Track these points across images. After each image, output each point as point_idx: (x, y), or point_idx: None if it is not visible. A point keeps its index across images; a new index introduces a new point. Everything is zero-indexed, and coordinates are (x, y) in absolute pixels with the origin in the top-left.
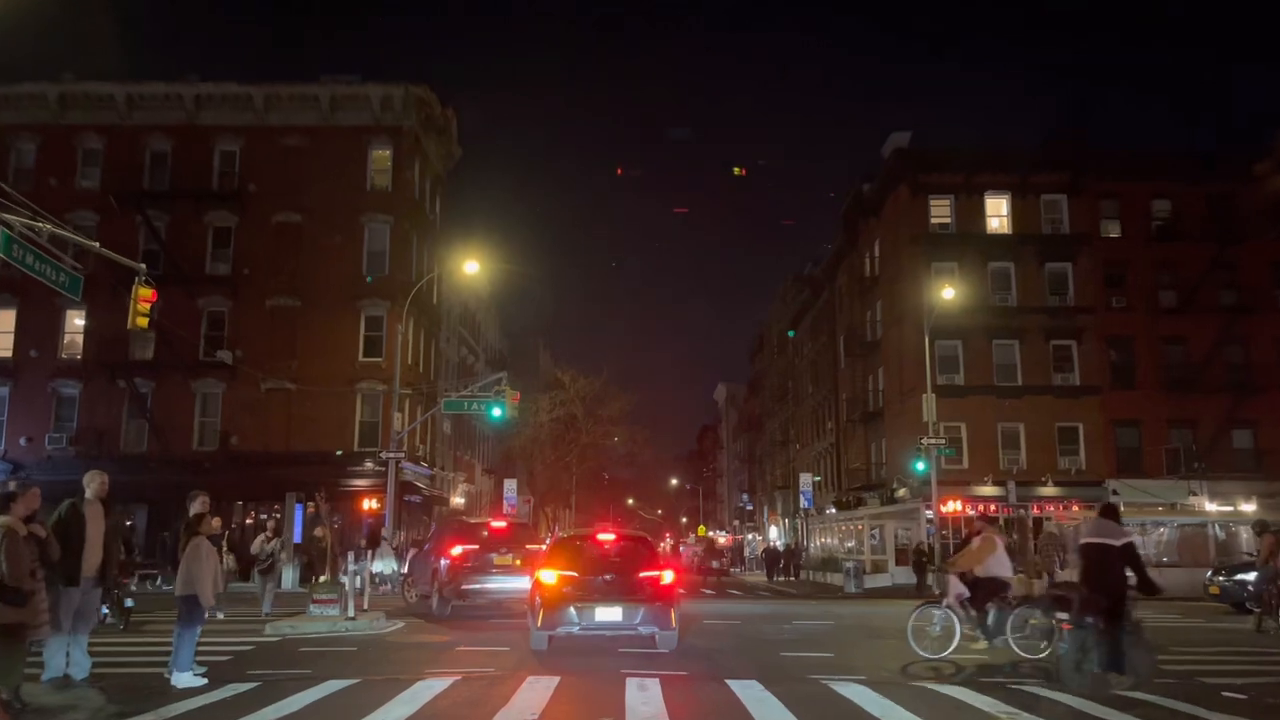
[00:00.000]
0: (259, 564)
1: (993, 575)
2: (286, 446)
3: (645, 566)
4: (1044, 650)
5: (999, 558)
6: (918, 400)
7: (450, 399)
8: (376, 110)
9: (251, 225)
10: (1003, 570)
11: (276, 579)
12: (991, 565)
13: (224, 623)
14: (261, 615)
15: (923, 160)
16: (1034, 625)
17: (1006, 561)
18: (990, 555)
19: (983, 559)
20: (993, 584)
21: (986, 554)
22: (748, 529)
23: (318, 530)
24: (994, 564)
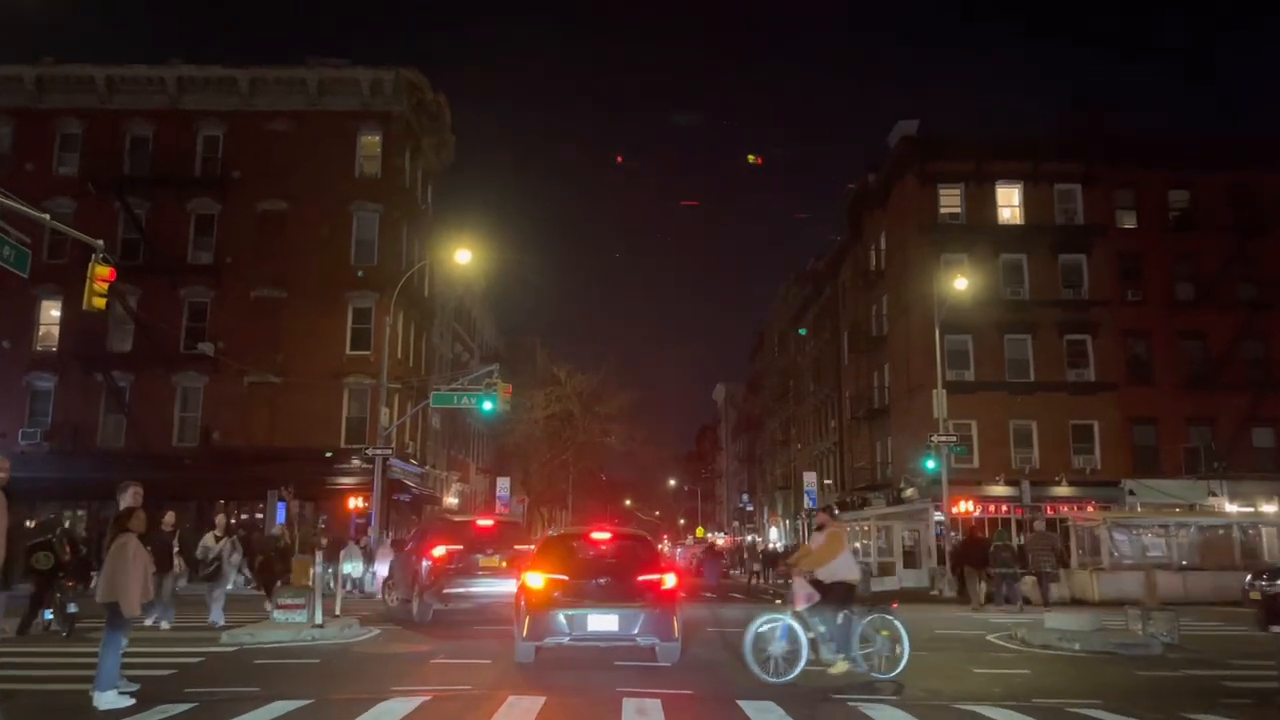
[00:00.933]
0: (204, 566)
1: (839, 579)
2: (270, 443)
3: (644, 569)
4: (896, 670)
5: (844, 557)
6: (925, 397)
7: (440, 393)
8: (366, 95)
9: (235, 213)
10: (848, 572)
11: (224, 583)
12: (836, 566)
13: (177, 630)
14: (210, 624)
15: (931, 148)
16: (885, 637)
17: (852, 561)
18: (836, 554)
19: (827, 559)
20: (840, 589)
21: (832, 553)
22: (748, 530)
23: (276, 528)
24: (839, 565)
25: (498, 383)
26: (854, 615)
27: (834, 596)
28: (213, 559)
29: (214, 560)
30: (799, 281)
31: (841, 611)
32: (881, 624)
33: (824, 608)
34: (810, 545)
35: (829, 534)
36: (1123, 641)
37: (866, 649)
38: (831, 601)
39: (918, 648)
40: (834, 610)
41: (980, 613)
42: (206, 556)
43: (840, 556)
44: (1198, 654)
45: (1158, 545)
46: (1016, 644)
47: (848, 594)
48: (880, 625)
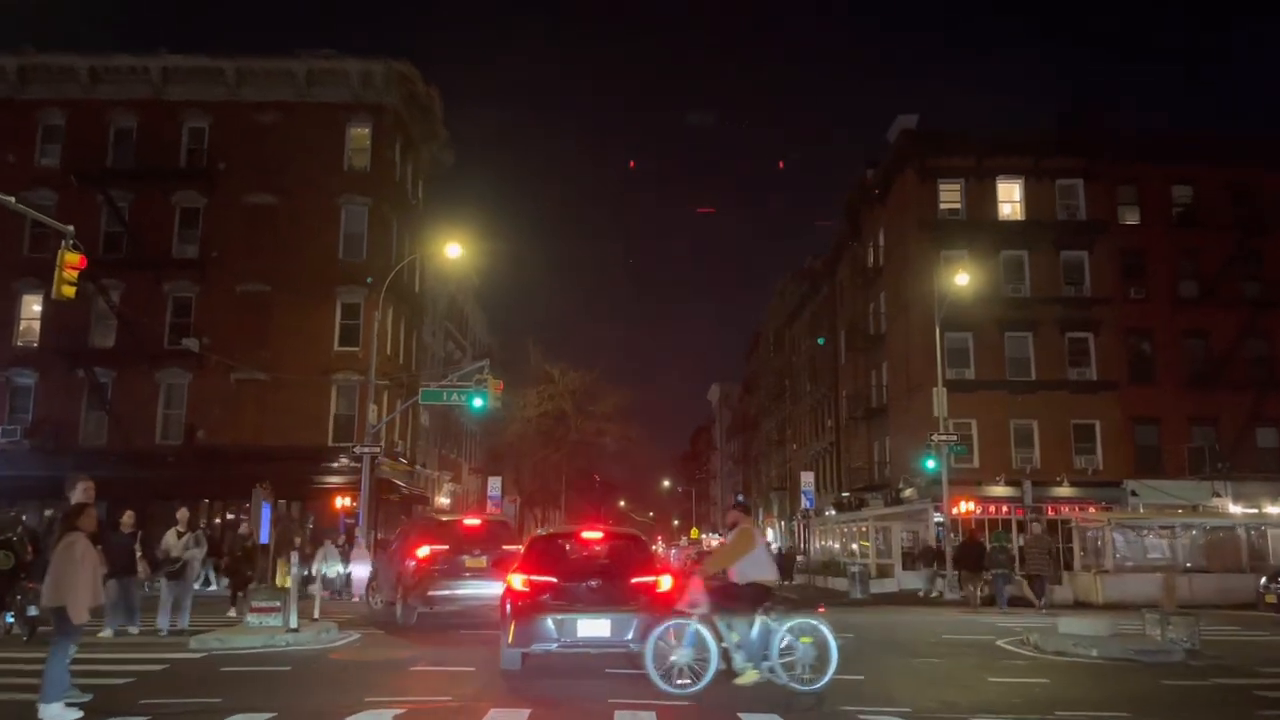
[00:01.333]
0: (165, 566)
1: (751, 580)
2: (257, 441)
3: (638, 570)
4: (821, 681)
5: (756, 556)
6: (924, 396)
7: (429, 389)
8: (356, 86)
9: (221, 206)
10: (761, 572)
11: (188, 586)
12: (748, 566)
13: (145, 635)
14: (160, 631)
15: (931, 143)
16: (809, 645)
17: (766, 561)
18: (746, 553)
19: (734, 557)
20: (752, 591)
21: (741, 551)
22: None
23: (242, 527)
24: (750, 564)
25: (488, 379)
26: (772, 621)
27: (746, 600)
28: (175, 558)
29: (176, 559)
30: (796, 280)
31: (755, 616)
32: (805, 630)
33: (735, 612)
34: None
35: (739, 531)
36: (1143, 648)
37: (788, 657)
38: (744, 605)
39: (926, 654)
40: (746, 615)
41: (978, 614)
42: (169, 555)
43: (751, 555)
44: (1221, 660)
45: (1163, 547)
46: (1030, 650)
47: (761, 597)
48: (803, 632)
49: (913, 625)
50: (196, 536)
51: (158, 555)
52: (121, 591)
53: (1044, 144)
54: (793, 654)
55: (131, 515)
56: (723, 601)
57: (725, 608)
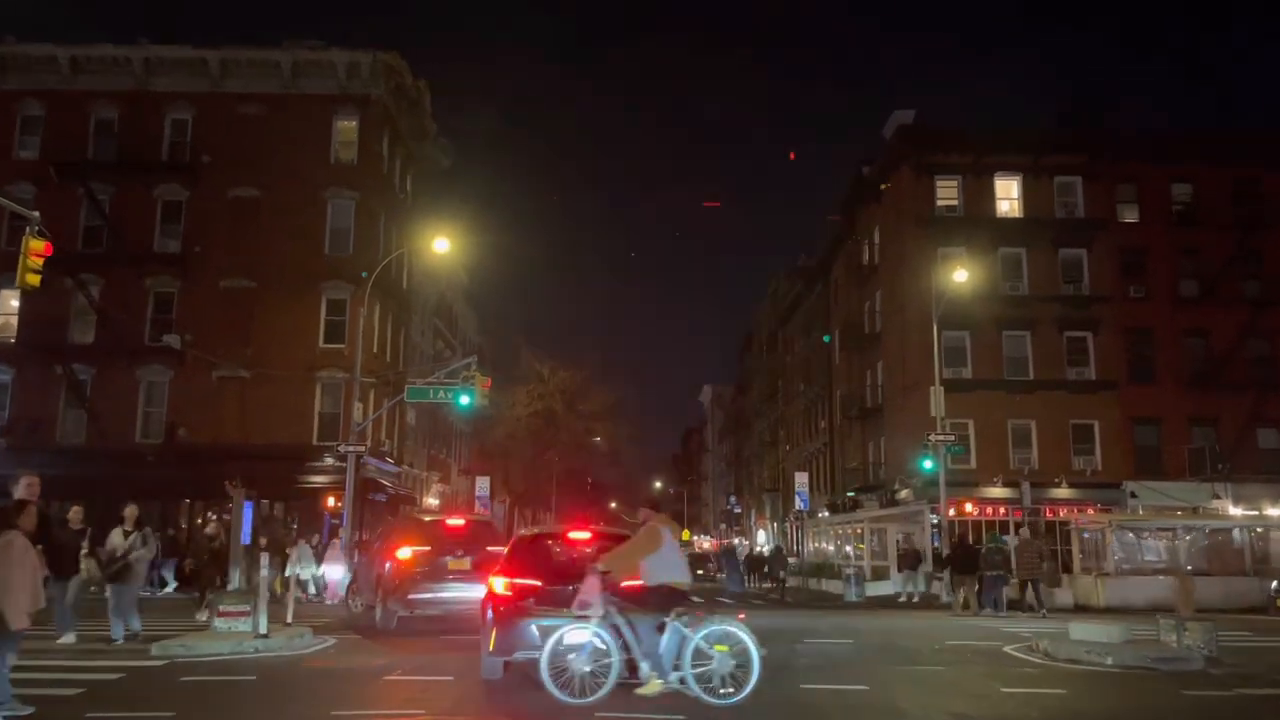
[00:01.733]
0: (109, 566)
1: (660, 581)
2: (240, 439)
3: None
4: (740, 694)
5: (664, 555)
6: (921, 395)
7: (415, 386)
8: (342, 78)
9: (204, 200)
10: (670, 573)
11: (132, 590)
12: (655, 567)
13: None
14: (111, 640)
15: (928, 139)
16: (725, 654)
17: (677, 561)
18: (648, 551)
19: (636, 556)
20: (660, 595)
21: (647, 550)
22: (734, 533)
23: (209, 527)
24: (657, 565)
25: (475, 376)
26: (685, 626)
27: (654, 603)
28: (119, 558)
29: (120, 560)
30: (790, 279)
31: (663, 621)
32: (722, 637)
33: (641, 616)
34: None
35: (645, 528)
36: (1160, 655)
37: (702, 667)
38: (651, 609)
39: (931, 661)
40: (652, 620)
41: (978, 619)
42: (113, 555)
43: (658, 554)
44: (1241, 669)
45: (1165, 550)
46: (1040, 657)
47: (671, 600)
48: (719, 639)
49: (913, 631)
50: (144, 535)
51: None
52: (61, 593)
53: (1042, 141)
54: (708, 663)
55: (79, 511)
56: (628, 605)
57: (630, 612)
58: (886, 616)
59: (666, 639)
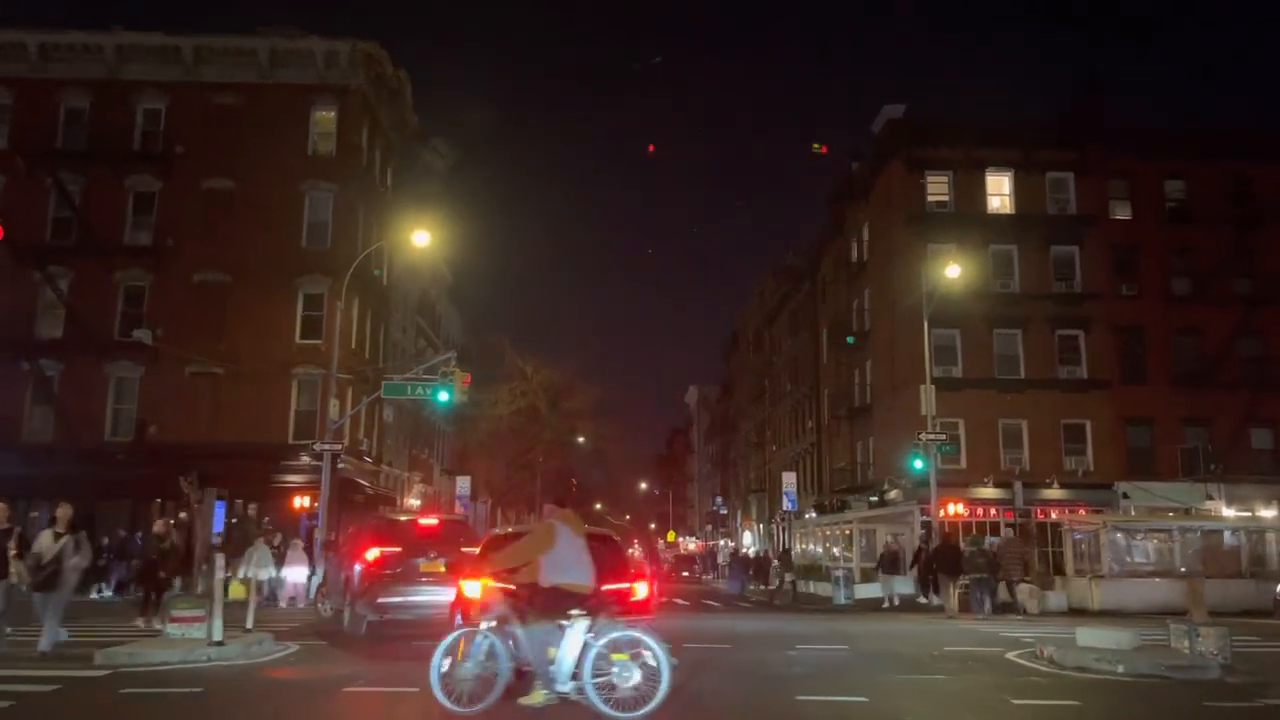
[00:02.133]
0: (38, 572)
1: (554, 584)
2: (212, 437)
3: (611, 576)
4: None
5: (560, 555)
6: (910, 394)
7: (392, 382)
8: (320, 67)
9: (178, 191)
10: (569, 575)
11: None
12: (550, 567)
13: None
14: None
15: (919, 133)
16: (627, 663)
17: (576, 562)
18: (541, 550)
19: (526, 555)
20: (553, 598)
21: (540, 549)
22: (720, 534)
23: (156, 526)
24: (553, 564)
25: (455, 372)
26: (585, 632)
27: (548, 607)
28: (48, 563)
29: (50, 564)
30: (776, 278)
31: (557, 627)
32: (626, 644)
33: (534, 622)
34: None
35: (541, 525)
36: (1175, 663)
37: (603, 676)
38: (545, 613)
39: (932, 669)
40: (544, 626)
41: (976, 623)
42: (40, 561)
43: (554, 554)
44: (1259, 677)
45: (1160, 551)
46: (1046, 664)
47: (567, 603)
48: (624, 646)
49: (909, 636)
50: (78, 540)
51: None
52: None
53: (1034, 136)
54: (609, 672)
55: (5, 509)
56: (521, 608)
57: (523, 615)
58: (879, 620)
59: (565, 645)
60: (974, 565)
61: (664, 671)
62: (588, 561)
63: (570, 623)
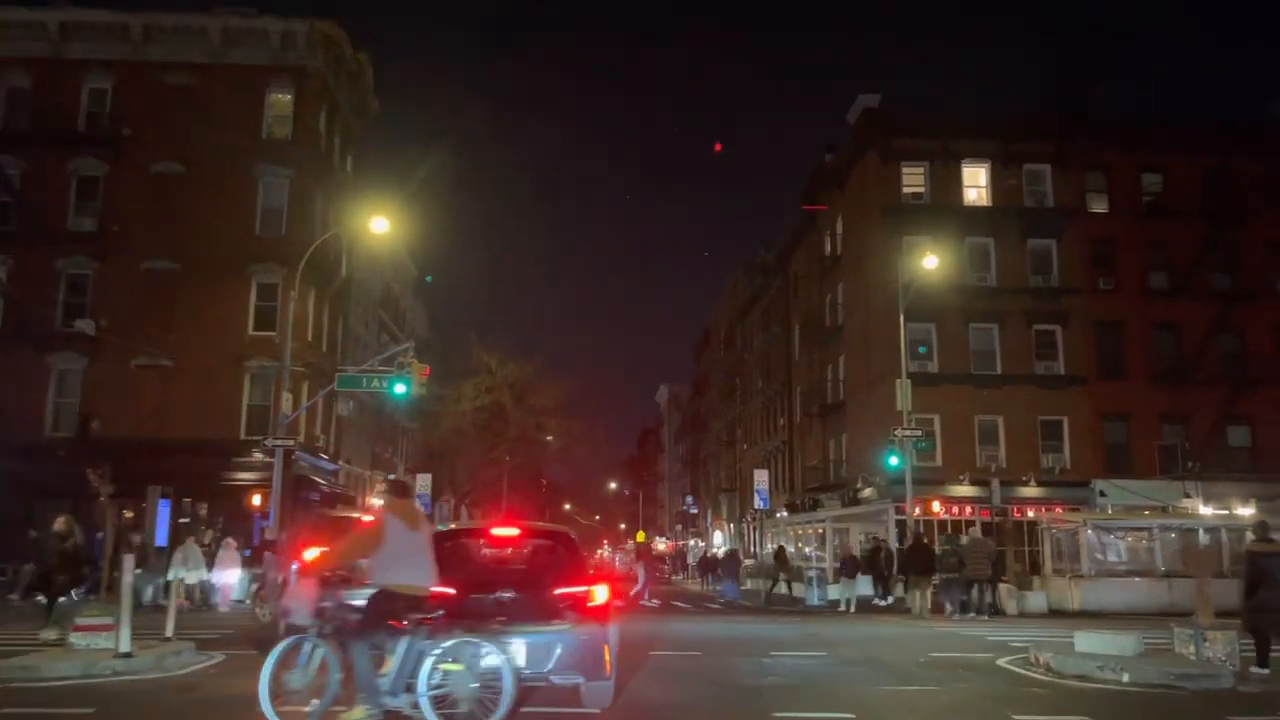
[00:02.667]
0: None
1: (383, 586)
2: (159, 433)
3: (566, 579)
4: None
5: (389, 553)
6: (885, 390)
7: (346, 374)
8: (276, 48)
9: (124, 175)
10: (401, 575)
11: None
12: (378, 566)
13: None
14: None
15: (894, 124)
16: (464, 674)
17: (411, 561)
18: (373, 549)
19: (354, 554)
20: (383, 602)
21: (365, 545)
22: (690, 534)
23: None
24: (383, 564)
25: (413, 364)
26: (422, 640)
27: (377, 611)
28: None
29: None
30: (748, 274)
31: (383, 634)
32: (465, 654)
33: (363, 627)
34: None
35: (368, 520)
36: (1185, 672)
37: (440, 689)
38: (372, 618)
39: (919, 678)
40: (370, 632)
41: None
42: None
43: (384, 552)
44: (1275, 686)
45: (1140, 550)
46: (1043, 672)
47: (399, 608)
48: (462, 656)
49: (889, 640)
50: None
51: None
52: None
53: (1012, 127)
54: (446, 684)
55: None
56: (347, 612)
57: (349, 621)
58: (857, 623)
59: (401, 655)
60: (946, 565)
61: (506, 682)
62: (426, 560)
63: (405, 629)
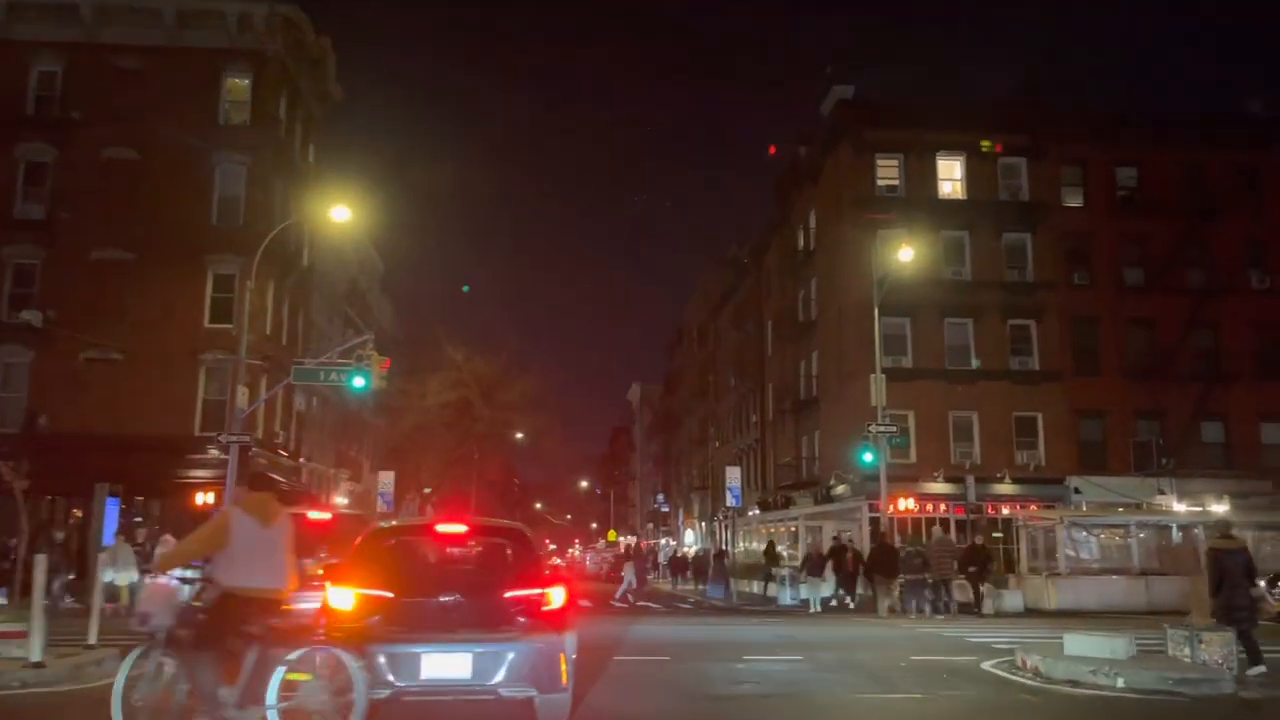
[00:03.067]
0: None
1: (231, 587)
2: (111, 429)
3: (519, 580)
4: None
5: (235, 553)
6: (859, 386)
7: (302, 367)
8: (233, 30)
9: (74, 160)
10: (247, 578)
11: None
12: (221, 568)
13: None
14: None
15: (868, 114)
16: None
17: (263, 559)
18: (218, 548)
19: (197, 554)
20: (230, 605)
21: (207, 544)
22: (662, 533)
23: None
24: (226, 566)
25: (372, 356)
26: (268, 648)
27: (220, 617)
28: None
29: None
30: (720, 270)
31: (230, 642)
32: (313, 663)
33: (200, 636)
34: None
35: (217, 515)
36: (1183, 676)
37: (290, 701)
38: (214, 624)
39: (903, 685)
40: (211, 640)
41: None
42: None
43: (229, 551)
44: (1277, 691)
45: (1118, 547)
46: (1031, 677)
47: (243, 613)
48: (310, 665)
49: (866, 643)
50: None
51: None
52: None
53: (987, 119)
54: (295, 696)
55: None
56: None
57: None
58: (831, 625)
59: (252, 664)
60: (910, 566)
61: (359, 693)
62: (279, 560)
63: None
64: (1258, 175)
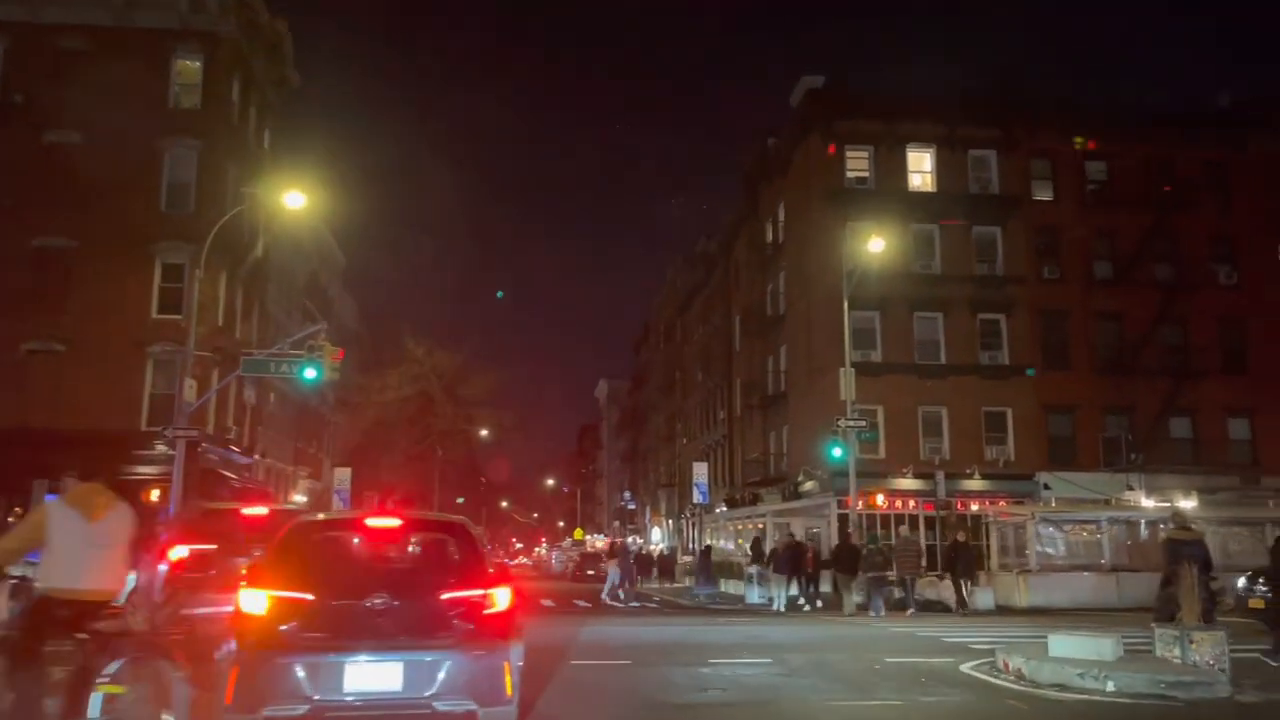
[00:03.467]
0: None
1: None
2: (52, 423)
3: (458, 581)
4: None
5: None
6: (828, 380)
7: (251, 359)
8: (184, 11)
9: (14, 145)
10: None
11: None
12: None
13: None
14: None
15: (839, 104)
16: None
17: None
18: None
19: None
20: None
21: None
22: (629, 531)
23: None
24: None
25: (324, 346)
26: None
27: (29, 623)
28: None
29: None
30: (688, 265)
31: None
32: (135, 674)
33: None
34: None
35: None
36: (1176, 679)
37: (111, 715)
38: (24, 632)
39: (879, 690)
40: (24, 648)
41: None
42: None
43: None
44: (1274, 694)
45: (1088, 543)
46: (1014, 680)
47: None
48: (133, 676)
49: (838, 643)
50: None
51: None
52: None
53: (957, 111)
54: (116, 710)
55: None
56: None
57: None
58: (800, 624)
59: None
60: (872, 563)
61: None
62: (104, 558)
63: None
64: (1226, 171)
